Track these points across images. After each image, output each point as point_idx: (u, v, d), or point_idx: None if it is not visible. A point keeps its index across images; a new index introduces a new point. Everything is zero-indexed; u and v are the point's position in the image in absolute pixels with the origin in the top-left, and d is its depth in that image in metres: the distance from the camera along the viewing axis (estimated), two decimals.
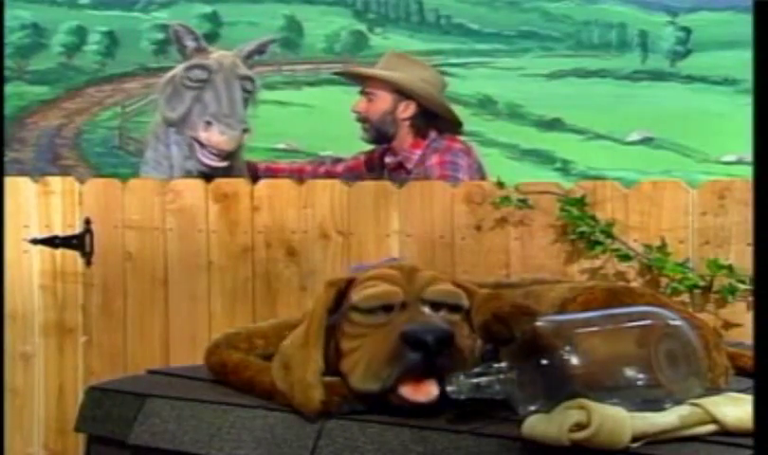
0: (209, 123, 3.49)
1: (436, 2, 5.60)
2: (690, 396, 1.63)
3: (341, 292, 1.88)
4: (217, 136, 3.47)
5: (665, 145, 5.24)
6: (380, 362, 1.75)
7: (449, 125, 3.75)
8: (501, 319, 1.69)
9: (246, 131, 3.52)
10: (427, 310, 1.81)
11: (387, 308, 1.81)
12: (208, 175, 3.46)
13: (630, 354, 1.65)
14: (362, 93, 3.79)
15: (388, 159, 3.78)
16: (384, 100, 3.72)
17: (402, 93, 3.71)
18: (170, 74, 3.71)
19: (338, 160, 4.00)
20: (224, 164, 3.49)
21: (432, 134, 3.70)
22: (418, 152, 3.69)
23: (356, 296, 1.84)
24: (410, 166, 3.68)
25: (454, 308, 1.83)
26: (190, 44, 3.64)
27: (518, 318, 1.68)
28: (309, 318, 1.87)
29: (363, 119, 3.77)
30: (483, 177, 3.59)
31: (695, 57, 5.30)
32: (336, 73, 4.27)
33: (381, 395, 1.76)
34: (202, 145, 3.51)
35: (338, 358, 1.83)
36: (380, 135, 3.75)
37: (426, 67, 3.88)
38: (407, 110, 3.71)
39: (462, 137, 3.76)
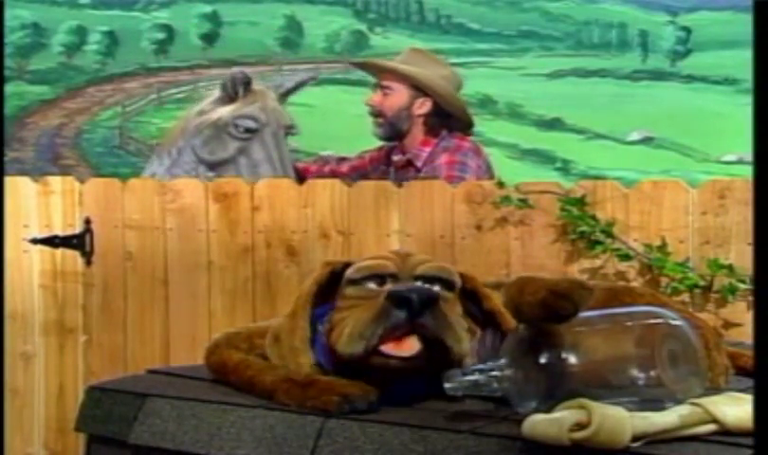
0: None
1: (436, 2, 5.60)
2: (690, 396, 1.63)
3: (336, 273, 1.90)
4: None
5: (665, 145, 5.25)
6: (365, 323, 1.76)
7: (461, 125, 3.71)
8: (561, 295, 1.62)
9: None
10: (419, 284, 1.83)
11: (379, 279, 1.83)
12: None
13: (632, 354, 1.65)
14: (377, 87, 3.74)
15: (395, 157, 3.73)
16: (401, 94, 3.67)
17: (419, 89, 3.66)
18: (212, 116, 3.68)
19: (342, 159, 3.97)
20: None
21: (443, 132, 3.67)
22: (428, 149, 3.64)
23: (350, 270, 1.87)
24: (419, 164, 3.63)
25: (447, 285, 1.85)
26: (240, 90, 3.64)
27: (579, 292, 1.63)
28: (299, 291, 1.91)
29: (377, 114, 3.71)
30: (491, 177, 3.57)
31: (695, 57, 5.30)
32: (355, 64, 4.22)
33: (365, 358, 1.76)
34: None
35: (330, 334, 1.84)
36: (394, 130, 3.69)
37: (444, 65, 3.83)
38: (422, 107, 3.66)
39: (471, 138, 3.74)
